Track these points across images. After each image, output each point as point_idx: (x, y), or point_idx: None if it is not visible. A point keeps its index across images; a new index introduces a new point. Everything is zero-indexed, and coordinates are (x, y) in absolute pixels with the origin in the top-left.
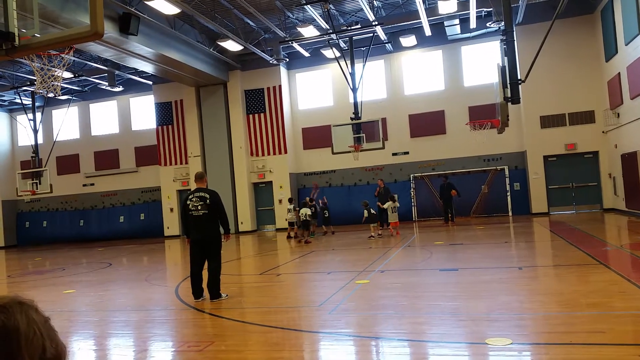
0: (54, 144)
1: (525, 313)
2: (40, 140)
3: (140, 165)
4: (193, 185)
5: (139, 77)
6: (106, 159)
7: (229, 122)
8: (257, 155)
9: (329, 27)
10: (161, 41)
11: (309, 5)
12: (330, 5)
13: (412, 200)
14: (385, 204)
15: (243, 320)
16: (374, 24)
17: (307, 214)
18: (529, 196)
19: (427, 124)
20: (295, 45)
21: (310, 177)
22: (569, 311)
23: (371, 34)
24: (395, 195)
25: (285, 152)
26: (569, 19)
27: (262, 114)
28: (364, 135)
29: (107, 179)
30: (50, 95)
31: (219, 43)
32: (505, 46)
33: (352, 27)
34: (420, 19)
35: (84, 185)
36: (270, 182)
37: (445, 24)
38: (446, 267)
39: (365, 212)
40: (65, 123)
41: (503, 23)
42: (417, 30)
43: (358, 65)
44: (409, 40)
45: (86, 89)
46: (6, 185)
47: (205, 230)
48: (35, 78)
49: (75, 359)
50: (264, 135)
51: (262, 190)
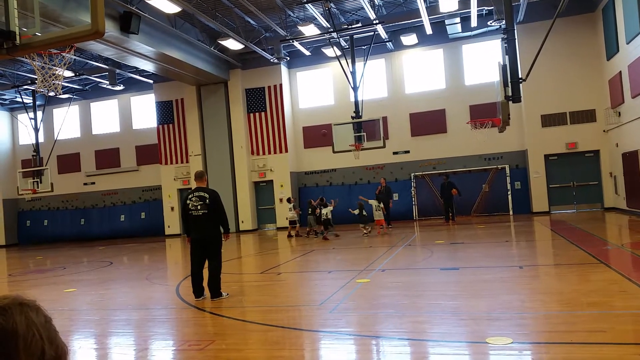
0: (55, 143)
1: (526, 312)
2: (41, 139)
3: (141, 164)
4: (193, 184)
5: (140, 76)
6: (107, 158)
7: (229, 121)
8: (258, 154)
9: (329, 26)
10: (162, 40)
11: (309, 4)
12: (331, 4)
13: (413, 199)
14: (370, 200)
15: (244, 319)
16: (374, 22)
17: (328, 213)
18: (529, 195)
19: (428, 122)
20: (296, 43)
21: (311, 176)
22: (570, 310)
23: (372, 33)
24: (395, 194)
25: (286, 151)
26: (570, 17)
27: (263, 113)
28: (365, 134)
29: (108, 177)
30: (51, 94)
31: (219, 42)
32: (506, 45)
33: (353, 26)
34: (421, 17)
35: (85, 184)
36: (271, 181)
37: (446, 22)
38: (447, 266)
39: (357, 211)
40: (66, 122)
41: (504, 21)
42: (418, 29)
43: (359, 64)
44: (409, 39)
45: (87, 87)
46: (7, 184)
47: (205, 230)
48: (36, 77)
49: (76, 358)
50: (265, 134)
51: (263, 189)
